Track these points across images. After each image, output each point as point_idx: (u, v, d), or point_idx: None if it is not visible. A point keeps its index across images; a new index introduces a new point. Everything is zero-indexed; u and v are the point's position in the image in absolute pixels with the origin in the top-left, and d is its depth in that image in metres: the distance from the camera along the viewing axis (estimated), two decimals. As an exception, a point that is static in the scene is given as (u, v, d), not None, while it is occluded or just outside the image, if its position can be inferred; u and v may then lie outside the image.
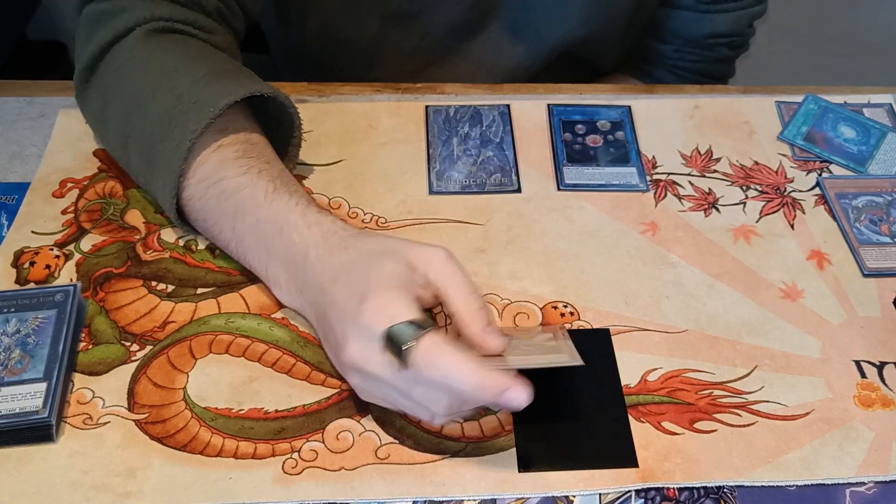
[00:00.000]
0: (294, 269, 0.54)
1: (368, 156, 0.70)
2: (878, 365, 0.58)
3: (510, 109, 0.74)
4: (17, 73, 1.47)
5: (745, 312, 0.61)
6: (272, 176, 0.56)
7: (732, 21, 0.85)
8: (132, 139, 0.60)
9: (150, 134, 0.58)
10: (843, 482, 0.52)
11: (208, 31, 0.63)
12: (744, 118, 0.75)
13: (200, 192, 0.57)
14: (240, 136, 0.58)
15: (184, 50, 0.60)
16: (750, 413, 0.55)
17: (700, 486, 0.52)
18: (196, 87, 0.57)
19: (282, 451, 0.52)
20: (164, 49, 0.60)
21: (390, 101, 0.75)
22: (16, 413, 0.51)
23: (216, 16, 0.65)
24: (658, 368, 0.57)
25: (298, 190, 0.57)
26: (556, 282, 0.62)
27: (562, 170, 0.69)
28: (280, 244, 0.54)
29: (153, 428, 0.53)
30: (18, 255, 0.61)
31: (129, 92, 0.60)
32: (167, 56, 0.59)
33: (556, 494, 0.51)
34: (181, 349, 0.57)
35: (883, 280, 0.63)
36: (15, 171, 0.68)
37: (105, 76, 0.61)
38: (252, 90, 0.58)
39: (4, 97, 0.73)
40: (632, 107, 0.75)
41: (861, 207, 0.68)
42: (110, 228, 0.64)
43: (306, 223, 0.54)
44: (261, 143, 0.59)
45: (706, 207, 0.68)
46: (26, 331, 0.55)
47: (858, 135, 0.73)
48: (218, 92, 0.57)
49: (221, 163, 0.56)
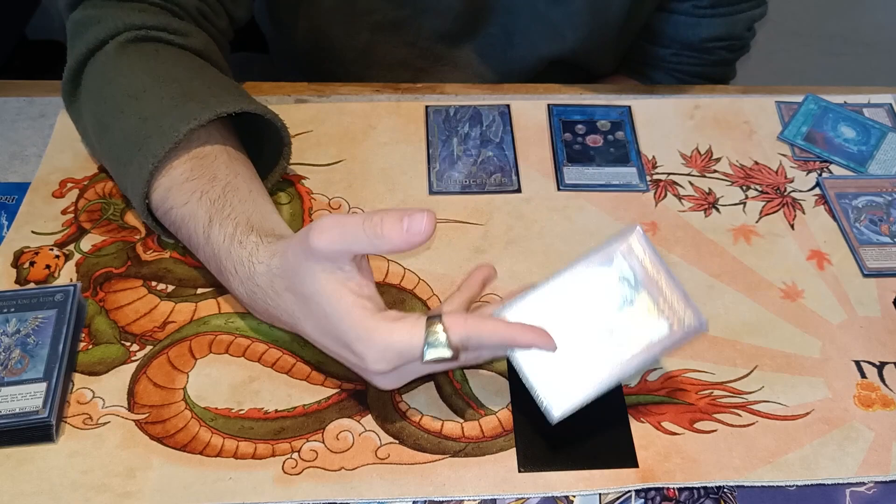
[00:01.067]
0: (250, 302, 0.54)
1: (368, 156, 0.70)
2: (878, 365, 0.58)
3: (510, 109, 0.74)
4: (17, 73, 1.46)
5: (745, 312, 0.61)
6: (212, 200, 0.55)
7: (730, 25, 0.85)
8: (104, 158, 0.61)
9: (116, 158, 0.58)
10: (843, 482, 0.52)
11: (183, 34, 0.62)
12: (744, 118, 0.75)
13: (162, 216, 0.58)
14: (191, 153, 0.57)
15: (154, 67, 0.60)
16: (750, 413, 0.55)
17: (700, 486, 0.52)
18: (162, 110, 0.57)
19: (282, 451, 0.52)
20: (133, 66, 0.59)
21: (390, 101, 0.75)
22: (16, 413, 0.51)
23: (196, 15, 0.65)
24: (658, 368, 0.57)
25: (233, 212, 0.54)
26: (556, 282, 0.62)
27: (562, 170, 0.69)
28: (224, 279, 0.55)
29: (153, 428, 0.53)
30: (18, 255, 0.61)
31: (99, 111, 0.60)
32: (135, 74, 0.59)
33: (556, 494, 0.51)
34: (181, 349, 0.57)
35: (883, 280, 0.63)
36: (15, 171, 0.68)
37: (83, 93, 0.61)
38: (217, 112, 0.56)
39: (4, 97, 0.73)
40: (632, 107, 0.75)
41: (861, 207, 0.68)
42: (110, 228, 0.64)
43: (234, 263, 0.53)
44: (210, 156, 0.57)
45: (706, 207, 0.68)
46: (26, 331, 0.55)
47: (858, 135, 0.73)
48: (182, 116, 0.56)
49: (168, 190, 0.56)
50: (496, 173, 0.69)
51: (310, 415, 0.54)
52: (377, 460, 0.52)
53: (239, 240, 0.53)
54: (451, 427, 0.54)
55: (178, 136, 0.55)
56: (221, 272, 0.54)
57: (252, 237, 0.52)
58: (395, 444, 0.53)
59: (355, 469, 0.52)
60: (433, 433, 0.53)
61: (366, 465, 0.52)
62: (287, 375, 0.56)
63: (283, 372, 0.56)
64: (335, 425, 0.54)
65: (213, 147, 0.58)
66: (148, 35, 0.61)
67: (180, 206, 0.55)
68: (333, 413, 0.54)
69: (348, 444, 0.53)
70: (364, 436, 0.53)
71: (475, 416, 0.54)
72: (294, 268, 0.49)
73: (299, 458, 0.52)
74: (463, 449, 0.53)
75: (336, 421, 0.54)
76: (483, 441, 0.53)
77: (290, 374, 0.56)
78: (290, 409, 0.54)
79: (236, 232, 0.53)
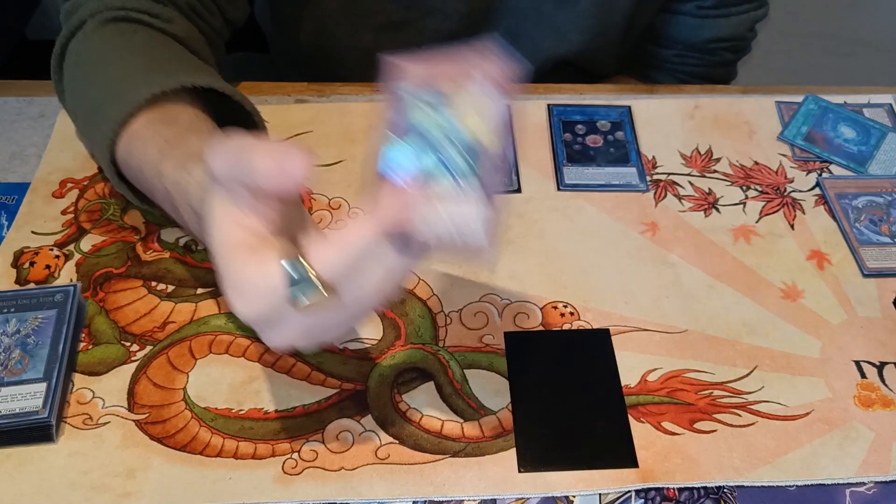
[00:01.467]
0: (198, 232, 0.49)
1: (369, 156, 0.70)
2: (878, 365, 0.58)
3: (510, 109, 0.74)
4: (17, 73, 1.46)
5: (745, 312, 0.61)
6: (166, 138, 0.52)
7: (734, 26, 0.85)
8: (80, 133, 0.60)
9: (85, 127, 0.58)
10: (843, 482, 0.52)
11: (165, 19, 0.62)
12: (744, 118, 0.75)
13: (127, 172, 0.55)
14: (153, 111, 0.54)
15: (127, 41, 0.59)
16: (750, 413, 0.55)
17: (700, 486, 0.52)
18: (127, 76, 0.56)
19: (282, 451, 0.52)
20: (106, 40, 0.59)
21: (390, 101, 0.75)
22: (16, 413, 0.51)
23: (186, 10, 0.64)
24: (658, 368, 0.57)
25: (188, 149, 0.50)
26: (555, 282, 0.62)
27: (562, 170, 0.69)
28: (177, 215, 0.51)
29: (153, 428, 0.53)
30: (18, 255, 0.61)
31: (73, 86, 0.60)
32: (106, 46, 0.59)
33: (556, 494, 0.51)
34: (181, 349, 0.57)
35: (883, 280, 0.63)
36: (15, 171, 0.68)
37: (65, 75, 0.61)
38: (181, 82, 0.54)
39: (4, 97, 0.73)
40: (632, 107, 0.75)
41: (861, 207, 0.68)
42: (110, 229, 0.64)
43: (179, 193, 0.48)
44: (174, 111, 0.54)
45: (706, 207, 0.68)
46: (26, 331, 0.55)
47: (858, 135, 0.73)
48: (147, 83, 0.54)
49: (130, 143, 0.53)
50: (496, 173, 0.69)
51: (310, 415, 0.54)
52: (377, 460, 0.52)
53: (188, 169, 0.48)
54: (451, 427, 0.54)
55: (140, 101, 0.53)
56: (175, 208, 0.50)
57: (201, 165, 0.47)
58: (395, 445, 0.53)
59: (355, 469, 0.52)
60: (433, 433, 0.53)
61: (366, 465, 0.52)
62: (287, 375, 0.56)
63: (283, 372, 0.56)
64: (335, 425, 0.54)
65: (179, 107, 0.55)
66: (128, 16, 0.60)
67: (139, 154, 0.53)
68: (333, 413, 0.54)
69: (348, 444, 0.53)
70: (364, 436, 0.53)
71: (475, 416, 0.54)
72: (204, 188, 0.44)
73: (299, 458, 0.52)
74: (463, 449, 0.53)
75: (336, 421, 0.54)
76: (483, 441, 0.53)
77: (290, 374, 0.56)
78: (289, 409, 0.54)
79: (187, 163, 0.49)
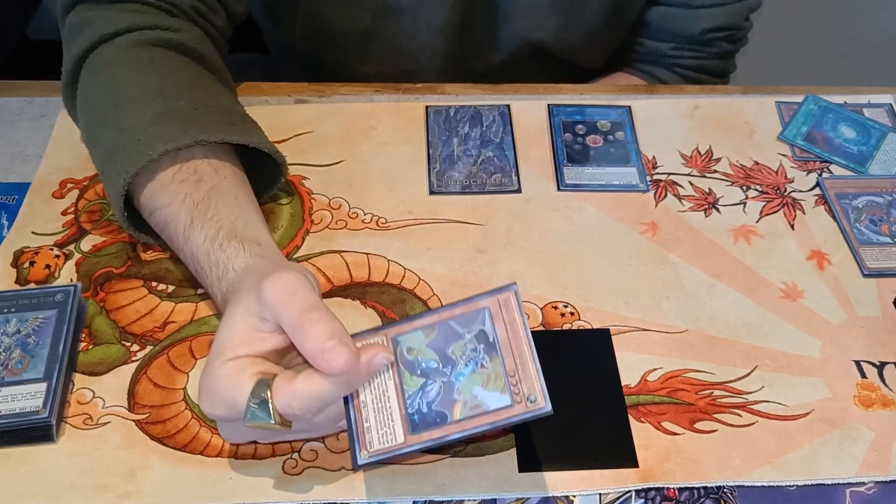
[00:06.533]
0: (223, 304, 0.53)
1: (369, 156, 0.70)
2: (878, 365, 0.58)
3: (510, 110, 0.74)
4: (17, 73, 1.46)
5: (745, 312, 0.61)
6: (195, 202, 0.54)
7: (729, 15, 0.85)
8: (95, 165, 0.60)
9: (100, 167, 0.58)
10: (844, 482, 0.52)
11: (175, 29, 0.62)
12: (744, 118, 0.75)
13: (148, 217, 0.57)
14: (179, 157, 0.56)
15: (144, 79, 0.59)
16: (750, 413, 0.55)
17: (700, 486, 0.52)
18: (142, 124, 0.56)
19: (282, 451, 0.52)
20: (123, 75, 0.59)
21: (390, 101, 0.75)
22: (16, 413, 0.51)
23: (192, 14, 0.65)
24: (658, 368, 0.57)
25: (217, 215, 0.54)
26: (556, 282, 0.62)
27: (562, 170, 0.69)
28: (201, 279, 0.55)
29: (153, 428, 0.53)
30: (18, 256, 0.61)
31: (88, 119, 0.60)
32: (124, 85, 0.59)
33: (556, 494, 0.51)
34: (181, 349, 0.57)
35: (883, 280, 0.63)
36: (15, 171, 0.68)
37: (79, 96, 0.61)
38: (196, 138, 0.55)
39: (4, 97, 0.73)
40: (632, 107, 0.75)
41: (861, 207, 0.68)
42: (110, 229, 0.64)
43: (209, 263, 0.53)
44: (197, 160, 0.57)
45: (706, 207, 0.68)
46: (26, 331, 0.55)
47: (858, 135, 0.73)
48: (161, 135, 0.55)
49: (153, 192, 0.56)
50: (496, 174, 0.69)
51: (310, 415, 0.54)
52: (377, 460, 0.52)
53: (220, 243, 0.52)
54: (452, 427, 0.54)
55: (153, 155, 0.54)
56: (198, 271, 0.54)
57: (234, 242, 0.52)
58: (396, 445, 0.53)
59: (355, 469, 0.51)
60: (433, 433, 0.53)
61: (366, 465, 0.52)
62: (287, 375, 0.56)
63: (283, 372, 0.56)
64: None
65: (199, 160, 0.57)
66: (142, 37, 0.61)
67: (164, 208, 0.55)
68: (333, 413, 0.54)
69: (348, 444, 0.53)
70: (364, 436, 0.53)
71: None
72: (241, 289, 0.48)
73: (299, 458, 0.52)
74: (463, 449, 0.53)
75: (336, 421, 0.54)
76: (483, 441, 0.53)
77: (291, 375, 0.56)
78: (290, 409, 0.54)
79: (218, 235, 0.53)
